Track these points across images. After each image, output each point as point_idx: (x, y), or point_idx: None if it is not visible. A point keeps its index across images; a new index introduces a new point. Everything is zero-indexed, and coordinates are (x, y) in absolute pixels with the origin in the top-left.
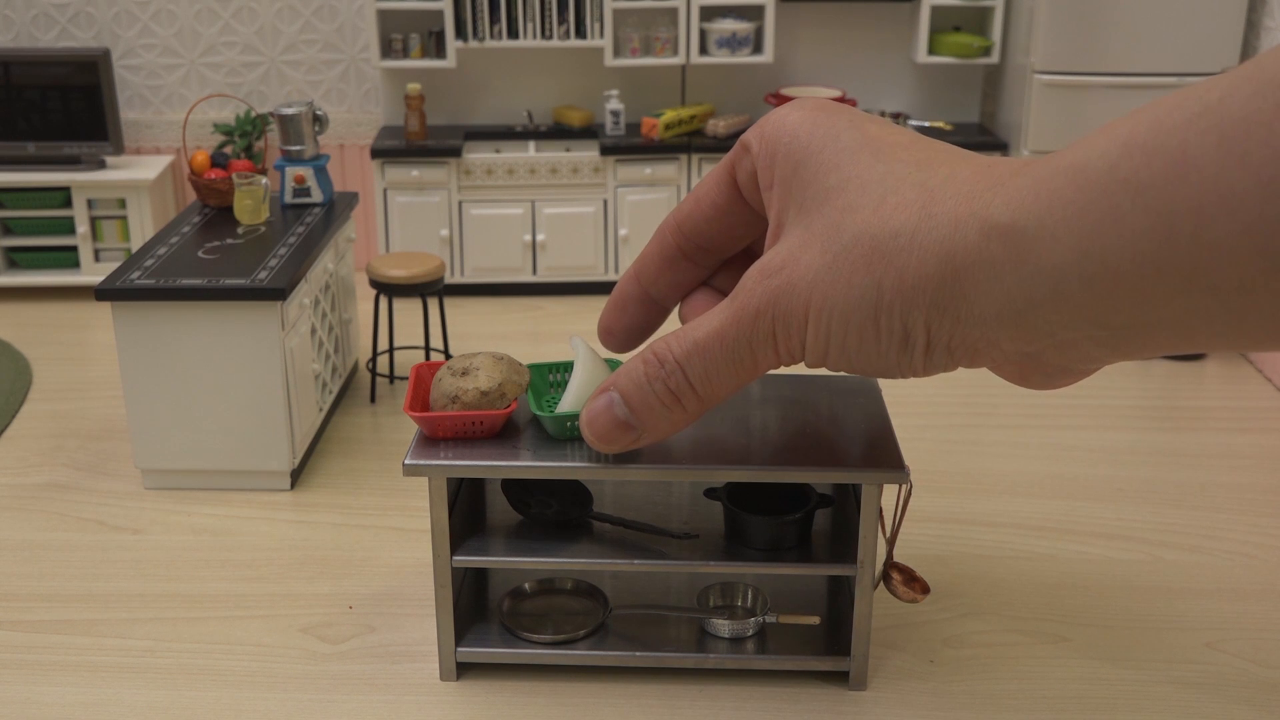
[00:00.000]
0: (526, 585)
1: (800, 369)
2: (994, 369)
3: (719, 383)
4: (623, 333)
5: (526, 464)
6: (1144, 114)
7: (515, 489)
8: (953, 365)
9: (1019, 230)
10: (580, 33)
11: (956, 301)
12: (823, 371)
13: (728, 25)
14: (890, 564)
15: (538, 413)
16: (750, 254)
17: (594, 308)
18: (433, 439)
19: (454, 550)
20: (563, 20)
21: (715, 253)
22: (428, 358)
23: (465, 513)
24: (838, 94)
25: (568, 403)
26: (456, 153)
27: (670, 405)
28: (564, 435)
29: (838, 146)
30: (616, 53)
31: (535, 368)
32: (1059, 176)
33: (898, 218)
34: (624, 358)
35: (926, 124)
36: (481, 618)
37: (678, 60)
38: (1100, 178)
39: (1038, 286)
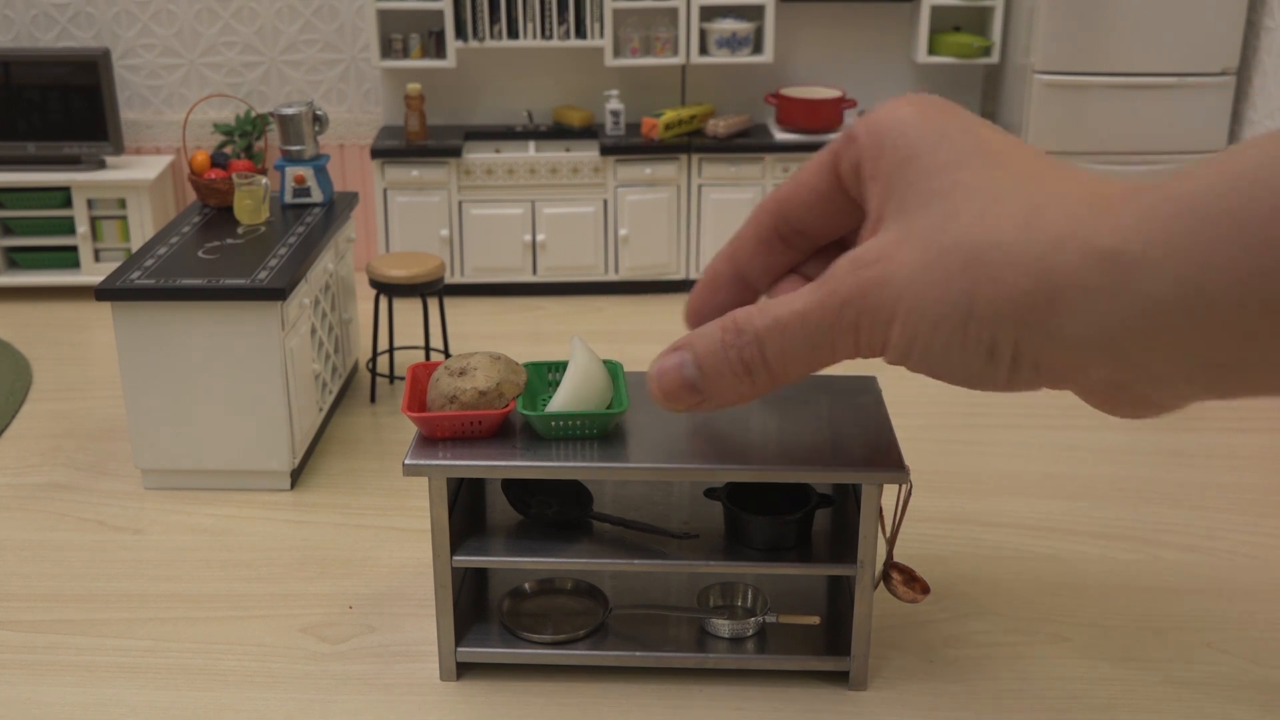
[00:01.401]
0: (526, 585)
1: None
2: (1080, 394)
3: (793, 363)
4: (714, 313)
5: (526, 464)
6: (1254, 148)
7: (515, 489)
8: (1038, 385)
9: (1121, 256)
10: (580, 33)
11: (1049, 321)
12: (822, 371)
13: (728, 25)
14: (890, 564)
15: (524, 412)
16: (844, 245)
17: (594, 307)
18: (432, 439)
19: (454, 550)
20: (563, 20)
21: (810, 238)
22: (428, 358)
23: (465, 513)
24: (838, 94)
25: (558, 403)
26: (456, 153)
27: (741, 376)
28: (551, 435)
29: (949, 148)
30: (616, 53)
31: (533, 367)
32: (1166, 205)
33: (1000, 229)
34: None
35: None
36: (481, 618)
37: (678, 60)
38: (1207, 209)
39: (1135, 316)
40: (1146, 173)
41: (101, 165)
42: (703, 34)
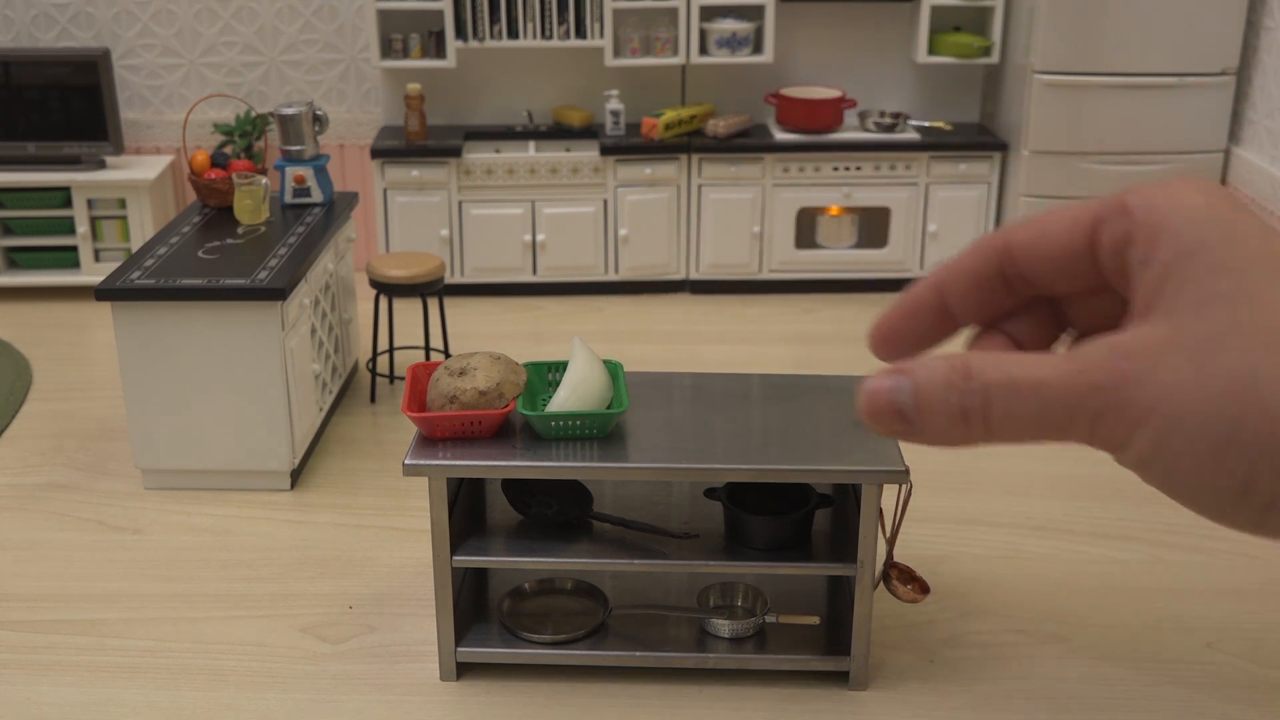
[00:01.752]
0: (526, 585)
1: (798, 369)
2: None
3: (1015, 429)
4: (905, 340)
5: (526, 464)
6: None
7: (515, 489)
8: None
9: None
10: (580, 33)
11: None
12: (823, 371)
13: (728, 25)
14: (890, 564)
15: (525, 412)
16: (1054, 307)
17: (594, 307)
18: (431, 439)
19: (454, 550)
20: (563, 20)
21: (1034, 288)
22: (428, 358)
23: (465, 513)
24: (838, 94)
25: (557, 403)
26: (456, 153)
27: (955, 421)
28: (551, 435)
29: (1240, 251)
30: (616, 53)
31: (533, 367)
32: None
33: None
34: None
35: (926, 123)
36: (481, 618)
37: (678, 60)
38: None
39: None
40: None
41: (101, 165)
42: (703, 34)
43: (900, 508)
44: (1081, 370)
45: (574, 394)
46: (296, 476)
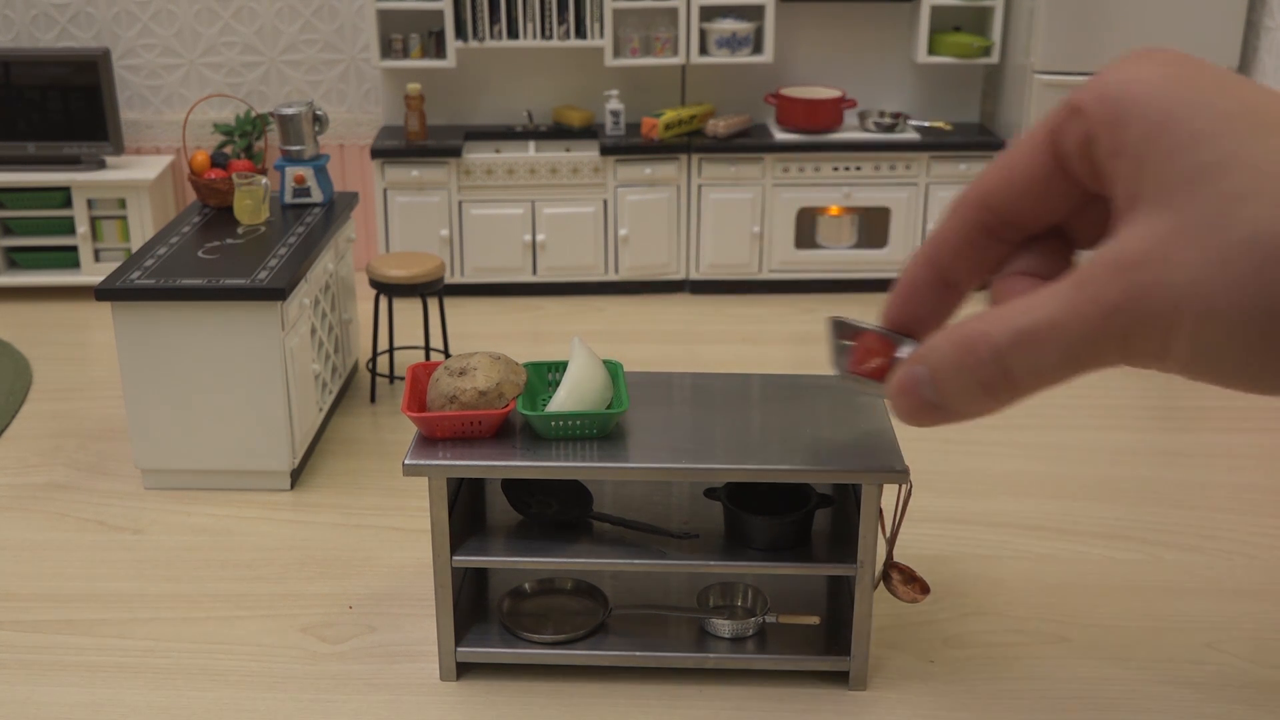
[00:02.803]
0: (526, 585)
1: (798, 369)
2: None
3: (1045, 376)
4: (915, 325)
5: (526, 464)
6: None
7: (515, 489)
8: None
9: None
10: (580, 33)
11: None
12: (823, 371)
13: (728, 25)
14: (890, 564)
15: (525, 412)
16: (1060, 230)
17: (594, 307)
18: (431, 439)
19: (454, 550)
20: (563, 20)
21: (1022, 230)
22: (428, 358)
23: (465, 513)
24: (838, 94)
25: (557, 403)
26: (456, 153)
27: (981, 394)
28: (551, 435)
29: (1211, 113)
30: (616, 53)
31: (533, 367)
32: None
33: None
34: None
35: (926, 124)
36: (481, 618)
37: (678, 60)
38: None
39: None
40: None
41: (101, 165)
42: (703, 34)
43: (900, 508)
44: (1093, 297)
45: (573, 394)
46: (296, 476)
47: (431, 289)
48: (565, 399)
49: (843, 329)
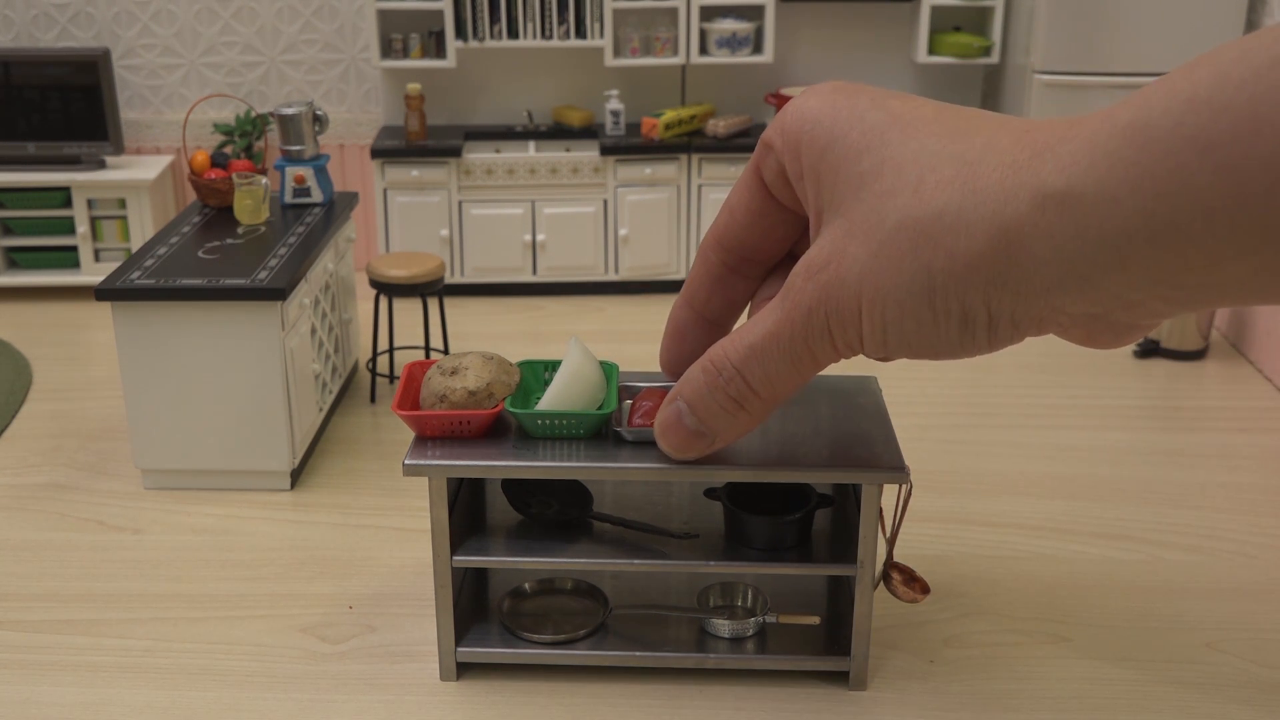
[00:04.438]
0: (526, 585)
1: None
2: (1060, 334)
3: (780, 383)
4: (687, 362)
5: (526, 464)
6: (1204, 68)
7: (515, 489)
8: (1019, 337)
9: (1077, 196)
10: (580, 33)
11: (1015, 275)
12: (823, 372)
13: (728, 25)
14: (890, 564)
15: (511, 410)
16: (795, 258)
17: (594, 307)
18: (424, 437)
19: (454, 550)
20: (563, 20)
21: (760, 263)
22: (428, 357)
23: (465, 513)
24: None
25: (546, 401)
26: (456, 153)
27: (734, 411)
28: (539, 434)
29: (864, 127)
30: (616, 53)
31: (528, 365)
32: (1115, 138)
33: (939, 197)
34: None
35: None
36: (481, 618)
37: (678, 60)
38: (1164, 136)
39: (1101, 252)
40: None
41: (101, 165)
42: (703, 34)
43: (900, 508)
44: (795, 303)
45: (563, 393)
46: (296, 476)
47: (431, 289)
48: (554, 398)
49: (624, 391)
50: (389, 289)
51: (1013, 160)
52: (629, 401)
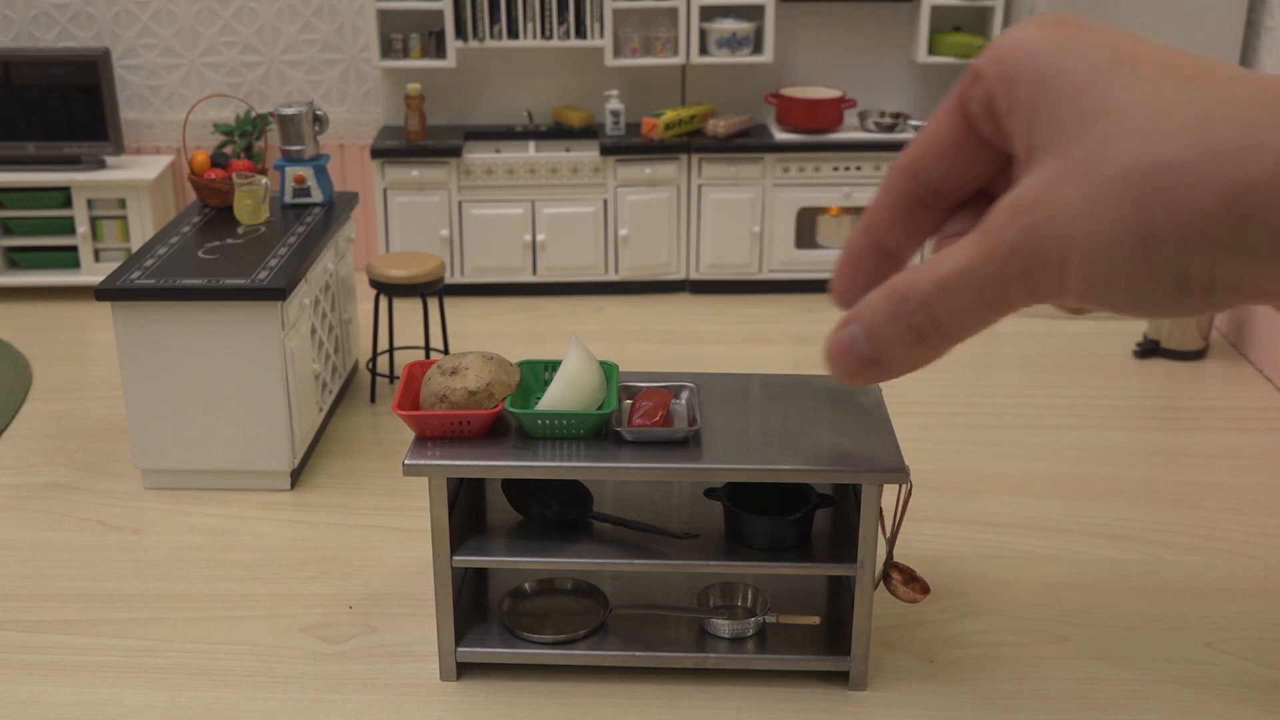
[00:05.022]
0: (526, 585)
1: (798, 369)
2: (1278, 307)
3: (966, 321)
4: (860, 292)
5: (526, 464)
6: None
7: (515, 489)
8: (1235, 304)
9: None
10: (580, 33)
11: (1245, 240)
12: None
13: (728, 25)
14: (890, 564)
15: (512, 410)
16: (988, 196)
17: (594, 307)
18: (423, 437)
19: (454, 550)
20: (563, 20)
21: (950, 196)
22: (428, 357)
23: (465, 513)
24: (838, 94)
25: (546, 402)
26: (456, 153)
27: (913, 343)
28: (539, 434)
29: (1090, 64)
30: (616, 53)
31: (528, 365)
32: None
33: (1171, 147)
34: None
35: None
36: (481, 618)
37: (678, 60)
38: None
39: None
40: None
41: (101, 165)
42: (703, 34)
43: (900, 508)
44: (996, 241)
45: (563, 393)
46: (296, 476)
47: (431, 289)
48: (554, 398)
49: (624, 391)
50: (389, 289)
51: (1253, 117)
52: (629, 401)
